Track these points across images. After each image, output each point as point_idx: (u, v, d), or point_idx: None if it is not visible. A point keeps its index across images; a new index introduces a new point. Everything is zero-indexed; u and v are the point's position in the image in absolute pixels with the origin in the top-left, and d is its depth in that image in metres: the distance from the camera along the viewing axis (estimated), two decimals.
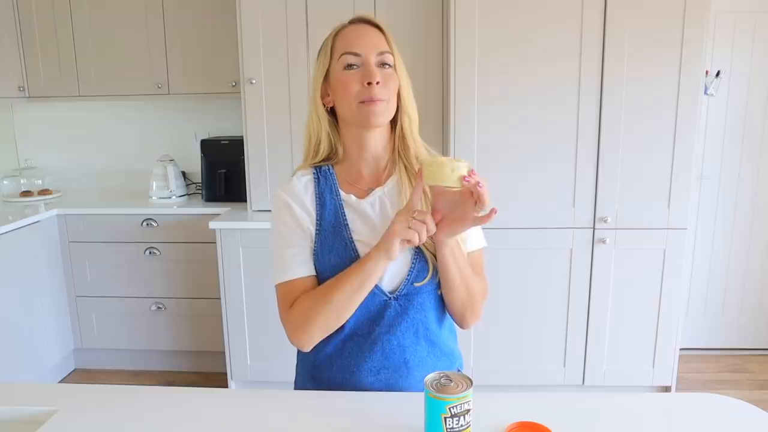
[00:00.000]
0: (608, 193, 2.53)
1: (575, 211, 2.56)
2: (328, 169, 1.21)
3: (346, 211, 1.17)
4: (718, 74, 2.88)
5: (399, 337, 1.16)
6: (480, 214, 1.03)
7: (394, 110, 1.17)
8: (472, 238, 1.24)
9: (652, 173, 2.51)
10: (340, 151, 1.21)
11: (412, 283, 1.15)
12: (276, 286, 1.18)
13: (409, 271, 1.15)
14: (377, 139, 1.19)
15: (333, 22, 1.21)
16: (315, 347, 1.18)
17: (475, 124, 2.51)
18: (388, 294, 1.15)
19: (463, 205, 1.05)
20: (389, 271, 1.15)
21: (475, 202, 1.02)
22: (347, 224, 1.16)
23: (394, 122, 1.20)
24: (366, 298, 1.13)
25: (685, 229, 2.55)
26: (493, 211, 1.02)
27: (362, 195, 1.19)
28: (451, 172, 0.99)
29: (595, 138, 2.50)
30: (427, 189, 1.12)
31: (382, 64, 1.14)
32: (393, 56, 1.15)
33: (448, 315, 1.25)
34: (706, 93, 2.71)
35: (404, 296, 1.16)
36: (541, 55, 2.45)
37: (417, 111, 1.21)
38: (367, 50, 1.13)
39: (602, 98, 2.46)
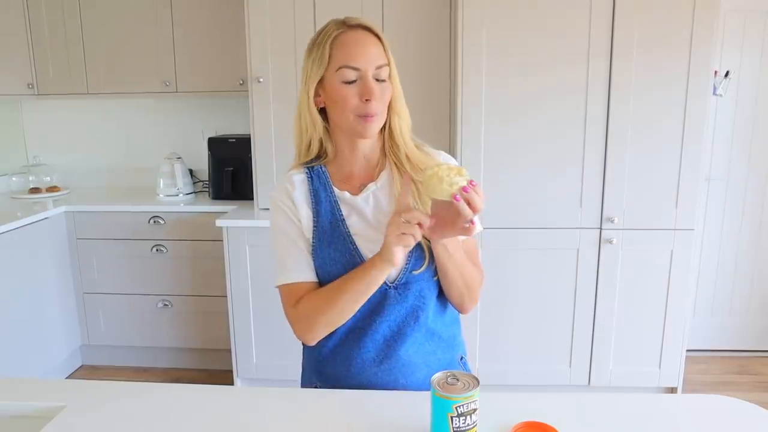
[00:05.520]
0: (615, 194, 2.53)
1: (582, 211, 2.55)
2: (321, 168, 1.23)
3: (342, 207, 1.21)
4: (727, 74, 2.86)
5: (400, 325, 1.18)
6: (466, 225, 1.04)
7: (386, 118, 1.19)
8: None
9: (659, 173, 2.50)
10: (331, 151, 1.24)
11: (410, 272, 1.17)
12: (278, 286, 1.23)
13: (407, 259, 1.17)
14: (368, 141, 1.21)
15: None
16: (318, 342, 1.22)
17: (482, 126, 2.50)
18: (388, 284, 1.17)
19: (456, 210, 1.04)
20: None
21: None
22: (344, 219, 1.20)
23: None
24: None
25: (693, 229, 2.54)
26: (471, 222, 1.02)
27: (356, 191, 1.22)
28: (449, 186, 1.00)
29: (602, 138, 2.49)
30: (420, 193, 1.13)
31: (378, 79, 1.15)
32: (389, 67, 1.16)
33: (449, 303, 1.27)
34: (714, 93, 2.69)
35: (403, 285, 1.18)
36: (550, 53, 2.44)
37: (408, 111, 1.22)
38: (366, 65, 1.13)
39: (610, 98, 2.45)
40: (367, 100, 1.12)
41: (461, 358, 1.31)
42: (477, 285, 1.23)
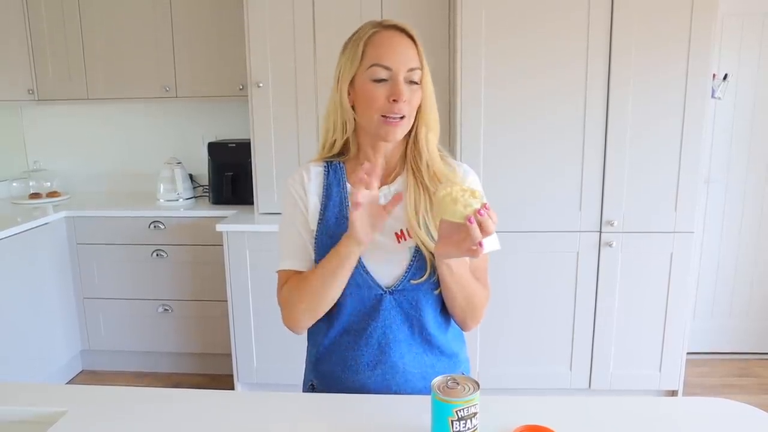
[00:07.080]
0: (615, 197, 2.53)
1: (582, 214, 2.55)
2: (339, 165, 1.24)
3: (351, 204, 1.20)
4: (725, 77, 2.86)
5: (395, 332, 1.18)
6: (473, 247, 1.01)
7: (412, 123, 1.19)
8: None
9: (659, 176, 2.51)
10: (353, 149, 1.24)
11: (409, 281, 1.17)
12: (277, 271, 1.25)
13: (408, 267, 1.17)
14: (390, 144, 1.22)
15: (340, 25, 1.22)
16: (315, 339, 1.24)
17: (481, 128, 2.50)
18: (384, 288, 1.17)
19: (465, 232, 1.01)
20: (387, 265, 1.18)
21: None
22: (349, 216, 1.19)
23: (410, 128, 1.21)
24: (362, 292, 1.17)
25: (692, 232, 2.54)
26: (479, 244, 0.99)
27: None
28: (463, 209, 0.99)
29: (601, 140, 2.49)
30: (432, 206, 1.13)
31: (410, 81, 1.14)
32: (422, 71, 1.15)
33: (452, 319, 1.26)
34: (713, 96, 2.70)
35: (399, 291, 1.18)
36: (549, 57, 2.45)
37: (438, 120, 1.21)
38: (398, 65, 1.12)
39: (609, 101, 2.46)
40: (394, 100, 1.12)
41: (462, 374, 1.30)
42: (480, 304, 1.22)
